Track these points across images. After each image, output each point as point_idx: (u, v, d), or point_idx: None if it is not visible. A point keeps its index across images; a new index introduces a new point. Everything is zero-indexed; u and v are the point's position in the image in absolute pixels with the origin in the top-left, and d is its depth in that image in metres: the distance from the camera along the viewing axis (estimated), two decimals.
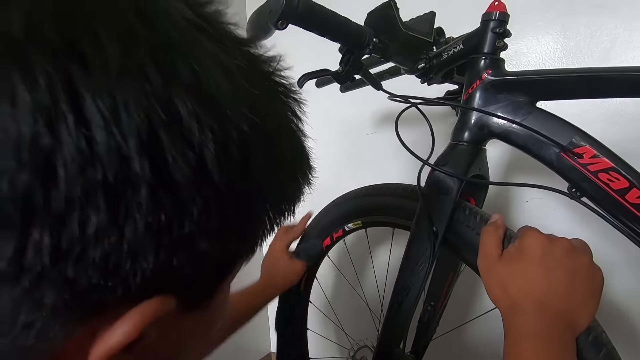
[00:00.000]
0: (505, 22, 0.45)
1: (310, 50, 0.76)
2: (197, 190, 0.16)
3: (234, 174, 0.17)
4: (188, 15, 0.17)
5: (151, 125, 0.14)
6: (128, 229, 0.15)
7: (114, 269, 0.15)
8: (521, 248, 0.38)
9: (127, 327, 0.16)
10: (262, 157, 0.19)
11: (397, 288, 0.51)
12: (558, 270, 0.36)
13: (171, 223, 0.16)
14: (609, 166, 0.39)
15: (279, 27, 0.38)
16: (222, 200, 0.17)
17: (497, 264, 0.38)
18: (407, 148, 0.47)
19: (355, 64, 0.47)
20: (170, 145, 0.15)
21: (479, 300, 0.90)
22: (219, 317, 0.27)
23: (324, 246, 0.70)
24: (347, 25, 0.43)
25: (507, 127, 0.44)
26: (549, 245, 0.37)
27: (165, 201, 0.15)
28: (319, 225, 0.71)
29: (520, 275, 0.37)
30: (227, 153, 0.16)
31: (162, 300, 0.17)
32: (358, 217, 0.64)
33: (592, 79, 0.42)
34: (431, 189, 0.48)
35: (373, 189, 0.61)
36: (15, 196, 0.13)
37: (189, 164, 0.15)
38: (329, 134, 1.09)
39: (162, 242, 0.16)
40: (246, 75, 0.18)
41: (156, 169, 0.15)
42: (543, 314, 0.35)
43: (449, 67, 0.50)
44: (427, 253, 0.48)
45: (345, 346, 0.73)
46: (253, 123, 0.17)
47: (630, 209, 0.38)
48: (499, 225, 0.42)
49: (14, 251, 0.13)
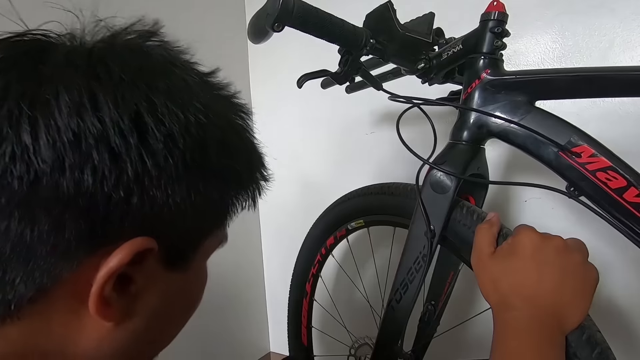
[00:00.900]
0: (504, 22, 0.45)
1: (310, 52, 0.76)
2: (169, 153, 0.23)
3: (196, 150, 0.24)
4: (166, 56, 0.27)
5: (138, 110, 0.22)
6: (122, 178, 0.22)
7: (115, 208, 0.22)
8: (514, 245, 0.38)
9: (121, 254, 0.22)
10: (216, 142, 0.26)
11: (395, 286, 0.51)
12: (549, 268, 0.36)
13: (151, 177, 0.22)
14: (607, 165, 0.39)
15: (276, 30, 0.39)
16: (188, 170, 0.24)
17: (488, 260, 0.39)
18: (408, 147, 0.47)
19: (353, 65, 0.47)
20: (150, 122, 0.23)
21: (479, 299, 0.90)
22: (197, 294, 0.32)
23: (327, 245, 0.71)
24: (343, 27, 0.43)
25: (506, 127, 0.45)
26: (542, 243, 0.37)
27: (147, 160, 0.22)
28: (322, 223, 0.72)
29: (511, 272, 0.37)
30: (188, 131, 0.24)
31: (147, 239, 0.23)
32: (361, 216, 0.65)
33: (591, 78, 0.42)
34: (429, 188, 0.48)
35: (375, 188, 0.62)
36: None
37: (162, 135, 0.23)
38: (328, 133, 1.09)
39: (145, 189, 0.22)
40: (198, 86, 0.27)
41: (141, 137, 0.22)
42: (532, 310, 0.36)
43: (449, 67, 0.50)
44: (425, 251, 0.48)
45: (347, 344, 0.73)
46: (206, 115, 0.25)
47: (628, 207, 0.38)
48: (493, 223, 0.42)
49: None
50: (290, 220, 1.20)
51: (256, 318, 1.20)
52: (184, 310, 0.32)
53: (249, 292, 1.21)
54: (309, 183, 1.15)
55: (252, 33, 0.45)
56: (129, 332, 0.26)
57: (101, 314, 0.23)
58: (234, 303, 1.16)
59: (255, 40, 0.45)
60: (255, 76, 1.22)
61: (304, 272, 0.77)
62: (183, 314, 0.32)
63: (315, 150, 1.12)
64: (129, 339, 0.26)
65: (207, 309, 1.03)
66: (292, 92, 1.14)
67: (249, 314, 1.20)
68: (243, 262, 1.20)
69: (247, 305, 1.20)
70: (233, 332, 1.16)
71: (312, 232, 0.75)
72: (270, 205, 1.25)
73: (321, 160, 1.11)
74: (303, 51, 1.09)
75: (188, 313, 0.32)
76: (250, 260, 1.23)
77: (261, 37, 0.43)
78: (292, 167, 1.17)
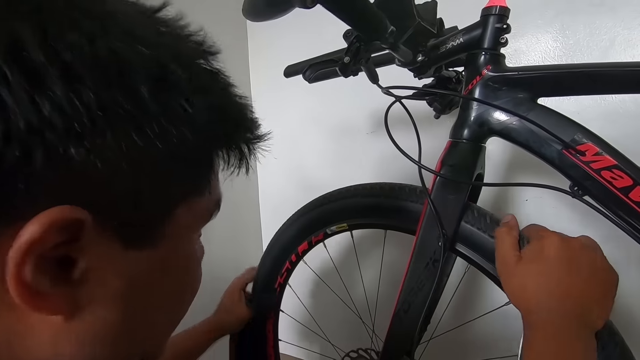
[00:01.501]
0: (506, 17, 0.44)
1: (312, 45, 0.75)
2: (76, 95, 0.18)
3: (119, 90, 0.19)
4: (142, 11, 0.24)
5: (19, 37, 0.17)
6: (9, 131, 0.17)
7: (13, 169, 0.17)
8: (539, 249, 0.38)
9: (33, 227, 0.18)
10: (153, 80, 0.21)
11: (403, 295, 0.49)
12: (575, 269, 0.37)
13: (54, 127, 0.17)
14: (613, 164, 0.38)
15: (308, 6, 0.33)
16: (111, 117, 0.19)
17: (516, 266, 0.39)
18: (402, 151, 0.45)
19: (365, 54, 0.43)
20: (36, 51, 0.17)
21: (478, 301, 0.89)
22: (185, 273, 0.27)
23: (299, 251, 0.65)
24: (370, 10, 0.38)
25: (508, 124, 0.43)
26: (566, 245, 0.38)
27: (43, 106, 0.17)
28: (293, 228, 0.66)
29: (540, 276, 0.37)
30: (98, 64, 0.19)
31: (69, 208, 0.18)
32: (344, 219, 0.60)
33: (594, 74, 0.41)
34: (439, 191, 0.47)
35: (364, 190, 0.59)
36: None
37: (57, 70, 0.18)
38: (327, 133, 1.08)
39: (48, 144, 0.17)
40: (168, 34, 0.23)
41: (26, 74, 0.17)
42: (563, 313, 0.35)
43: (446, 61, 0.48)
44: (436, 257, 0.46)
45: (331, 356, 0.70)
46: (130, 44, 0.20)
47: (634, 207, 0.37)
48: (512, 226, 0.42)
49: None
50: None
51: None
52: (172, 294, 0.27)
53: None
54: (309, 182, 1.14)
55: (260, 5, 0.37)
56: (95, 325, 0.22)
57: (32, 304, 0.19)
58: None
59: (260, 15, 0.38)
60: (255, 71, 1.21)
61: (269, 281, 0.69)
62: (172, 298, 0.27)
63: (315, 149, 1.11)
64: (98, 334, 0.22)
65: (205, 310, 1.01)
66: (292, 89, 1.13)
67: None
68: (242, 264, 1.19)
69: None
70: None
71: (279, 238, 0.68)
72: (270, 204, 1.24)
73: (321, 160, 1.10)
74: (305, 44, 1.08)
75: (181, 296, 0.28)
76: (250, 262, 1.22)
77: (273, 13, 0.36)
78: (292, 166, 1.16)
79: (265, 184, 1.24)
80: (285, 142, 1.16)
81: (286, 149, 1.16)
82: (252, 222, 1.24)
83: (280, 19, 0.38)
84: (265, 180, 1.24)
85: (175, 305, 0.28)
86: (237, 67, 1.18)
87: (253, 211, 1.24)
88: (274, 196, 1.22)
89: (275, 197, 1.22)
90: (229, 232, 1.14)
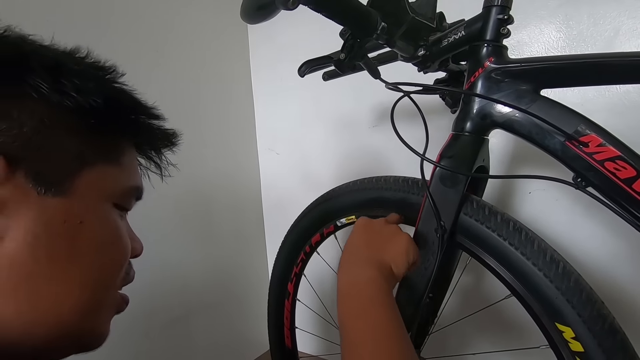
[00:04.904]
0: (508, 8, 0.43)
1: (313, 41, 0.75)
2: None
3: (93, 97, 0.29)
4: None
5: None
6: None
7: None
8: None
9: None
10: (103, 95, 0.30)
11: (402, 284, 0.50)
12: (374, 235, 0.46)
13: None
14: (616, 155, 0.38)
15: (289, 7, 0.35)
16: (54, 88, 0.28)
17: None
18: (405, 142, 0.46)
19: (360, 50, 0.44)
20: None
21: (485, 293, 0.90)
22: (102, 235, 0.30)
23: (312, 242, 0.68)
24: (356, 7, 0.39)
25: (511, 116, 0.43)
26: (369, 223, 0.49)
27: None
28: (306, 220, 0.69)
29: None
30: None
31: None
32: (353, 211, 0.62)
33: (598, 64, 0.41)
34: (438, 182, 0.47)
35: (369, 183, 0.60)
36: None
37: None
38: (330, 127, 1.08)
39: None
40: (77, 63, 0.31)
41: None
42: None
43: (449, 54, 0.48)
44: (434, 248, 0.47)
45: (336, 342, 0.72)
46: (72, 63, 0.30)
47: (637, 198, 0.37)
48: None
49: None
50: (293, 215, 1.18)
51: (256, 315, 1.19)
52: (88, 253, 0.29)
53: (250, 289, 1.21)
54: (312, 178, 1.14)
55: (251, 9, 0.40)
56: (13, 258, 0.25)
57: None
58: (235, 300, 1.16)
59: (253, 18, 0.41)
60: (256, 69, 1.21)
61: (286, 271, 0.74)
62: (88, 257, 0.29)
63: (317, 144, 1.11)
64: (12, 267, 0.25)
65: (207, 306, 1.02)
66: (293, 86, 1.13)
67: (250, 310, 1.20)
68: (245, 259, 1.20)
69: (248, 302, 1.20)
70: (233, 328, 1.16)
71: (294, 230, 0.72)
72: (273, 201, 1.25)
73: (324, 155, 1.10)
74: (305, 41, 1.07)
75: (98, 258, 0.30)
76: (253, 256, 1.23)
77: (262, 16, 0.39)
78: (294, 162, 1.16)
79: (267, 179, 1.24)
80: (287, 137, 1.16)
81: (288, 144, 1.16)
82: (255, 217, 1.24)
83: (281, 13, 0.38)
84: (267, 176, 1.24)
85: (93, 265, 0.29)
86: (238, 67, 1.18)
87: (255, 206, 1.25)
88: (276, 191, 1.23)
89: (278, 192, 1.22)
90: (231, 226, 1.15)
